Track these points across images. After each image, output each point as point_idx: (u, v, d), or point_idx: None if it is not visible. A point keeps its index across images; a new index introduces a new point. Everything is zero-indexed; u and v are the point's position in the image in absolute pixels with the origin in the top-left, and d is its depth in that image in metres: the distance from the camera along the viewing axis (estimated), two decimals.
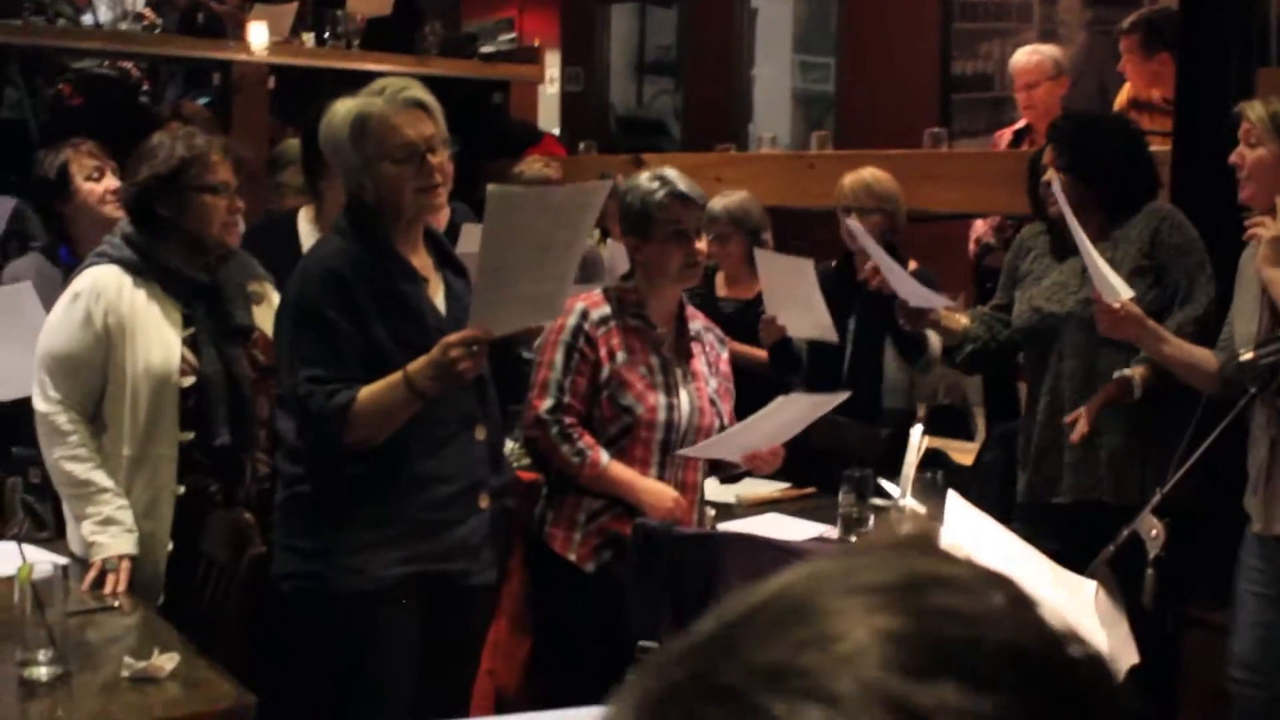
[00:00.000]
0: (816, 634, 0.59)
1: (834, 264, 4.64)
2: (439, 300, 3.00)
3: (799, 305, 4.30)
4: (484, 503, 3.02)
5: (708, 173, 5.93)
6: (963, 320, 3.82)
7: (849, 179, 4.54)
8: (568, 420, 3.32)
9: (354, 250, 2.92)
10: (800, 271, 4.28)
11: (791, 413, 3.38)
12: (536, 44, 8.77)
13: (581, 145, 7.59)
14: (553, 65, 10.77)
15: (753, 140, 8.13)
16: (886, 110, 8.66)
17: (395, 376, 2.80)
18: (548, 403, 3.32)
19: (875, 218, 4.34)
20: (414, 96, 2.95)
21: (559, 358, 3.34)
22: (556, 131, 9.53)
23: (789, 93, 11.76)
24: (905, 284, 3.78)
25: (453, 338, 2.75)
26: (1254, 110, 3.13)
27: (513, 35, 11.42)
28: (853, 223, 4.17)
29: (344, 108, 2.96)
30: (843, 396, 3.50)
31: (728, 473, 3.64)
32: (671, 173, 3.46)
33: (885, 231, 4.39)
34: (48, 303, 3.42)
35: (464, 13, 9.04)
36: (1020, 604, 0.63)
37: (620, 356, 3.35)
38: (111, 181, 4.01)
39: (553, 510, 3.41)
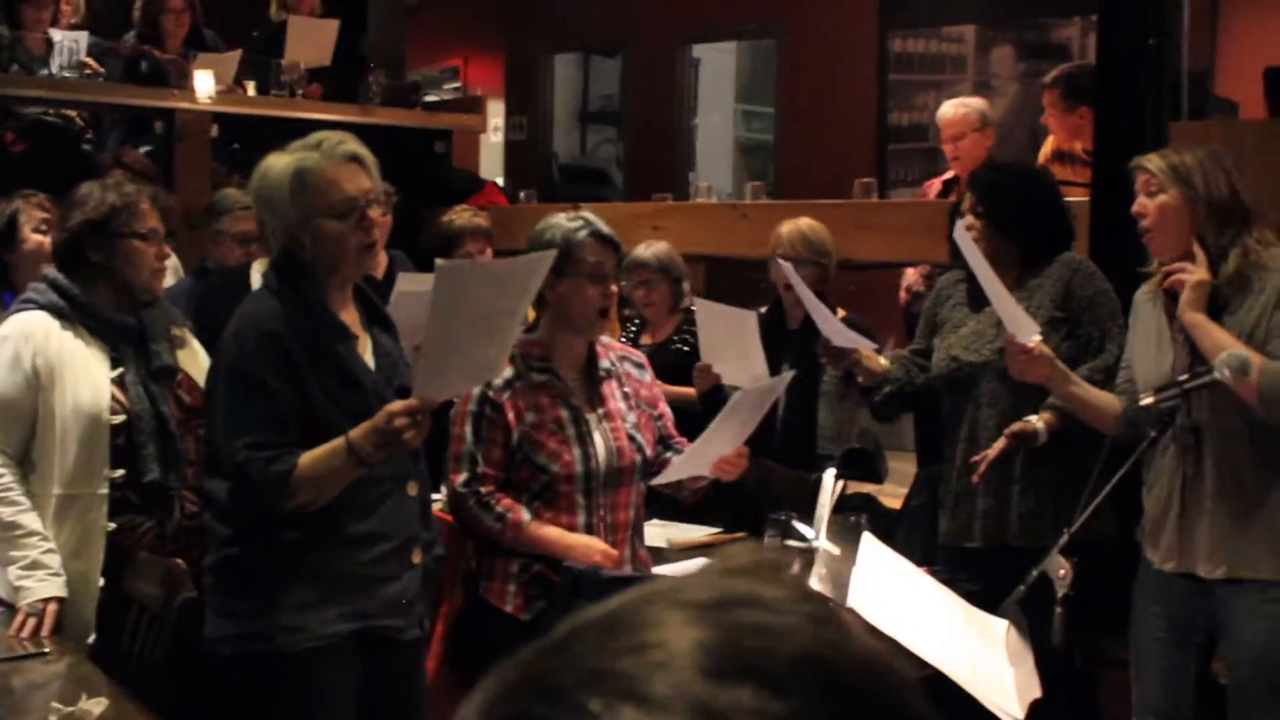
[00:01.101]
0: (638, 642, 0.66)
1: (763, 310, 4.72)
2: (368, 357, 2.98)
3: (736, 354, 4.37)
4: (416, 557, 3.01)
5: (644, 222, 6.03)
6: (882, 362, 3.91)
7: (786, 228, 4.64)
8: (484, 490, 3.29)
9: (287, 309, 2.86)
10: (742, 321, 4.35)
11: (746, 409, 3.37)
12: (480, 93, 8.86)
13: (522, 194, 7.67)
14: (497, 114, 10.88)
15: (692, 189, 8.24)
16: (824, 159, 8.81)
17: (337, 443, 2.75)
18: (463, 475, 3.30)
19: (808, 268, 4.43)
20: (351, 150, 2.92)
21: (468, 429, 3.30)
22: (500, 180, 9.62)
23: (731, 142, 11.92)
24: (830, 324, 3.89)
25: (395, 406, 2.72)
26: (1151, 162, 3.24)
27: (458, 84, 11.54)
28: (783, 262, 4.26)
29: (280, 162, 2.91)
30: (789, 376, 3.50)
31: (694, 489, 3.58)
32: (590, 214, 3.46)
33: (817, 281, 4.48)
34: None
35: (409, 61, 9.11)
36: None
37: (529, 417, 3.31)
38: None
39: (485, 564, 3.39)
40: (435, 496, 3.58)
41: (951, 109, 5.58)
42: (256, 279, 4.09)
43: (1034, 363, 3.33)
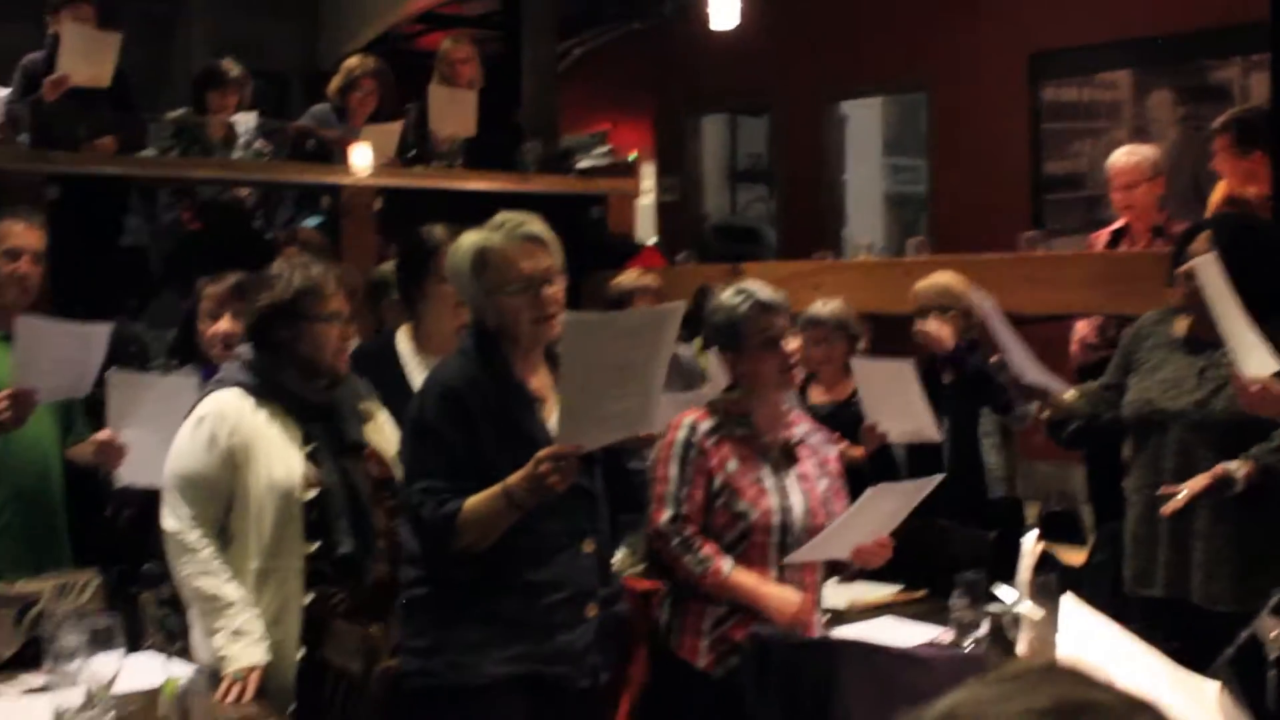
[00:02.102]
0: None
1: (912, 363, 4.70)
2: (553, 421, 3.09)
3: (899, 408, 4.36)
4: (591, 612, 3.14)
5: (806, 280, 6.04)
6: (1070, 395, 3.87)
7: (921, 285, 4.68)
8: (688, 530, 3.42)
9: (473, 371, 3.10)
10: (900, 374, 4.35)
11: (888, 502, 3.40)
12: (632, 157, 8.96)
13: (680, 255, 7.72)
14: (647, 176, 10.99)
15: (848, 244, 8.22)
16: (978, 210, 8.74)
17: (496, 488, 2.96)
18: (667, 514, 3.44)
19: (952, 314, 4.44)
20: (530, 231, 3.14)
21: (673, 471, 3.46)
22: (654, 241, 9.70)
23: (880, 195, 11.90)
24: (1022, 361, 3.88)
25: (544, 453, 2.90)
26: None
27: (607, 148, 11.69)
28: (979, 299, 4.27)
29: (467, 241, 3.17)
30: (936, 480, 3.51)
31: (846, 571, 3.68)
32: (752, 284, 3.59)
33: (964, 330, 4.48)
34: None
35: (561, 125, 9.26)
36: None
37: (730, 465, 3.46)
38: (225, 325, 4.22)
39: (678, 618, 3.50)
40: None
41: (1124, 157, 5.51)
42: (403, 346, 4.15)
43: (1267, 399, 3.24)
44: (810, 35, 9.94)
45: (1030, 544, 3.19)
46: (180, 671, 2.90)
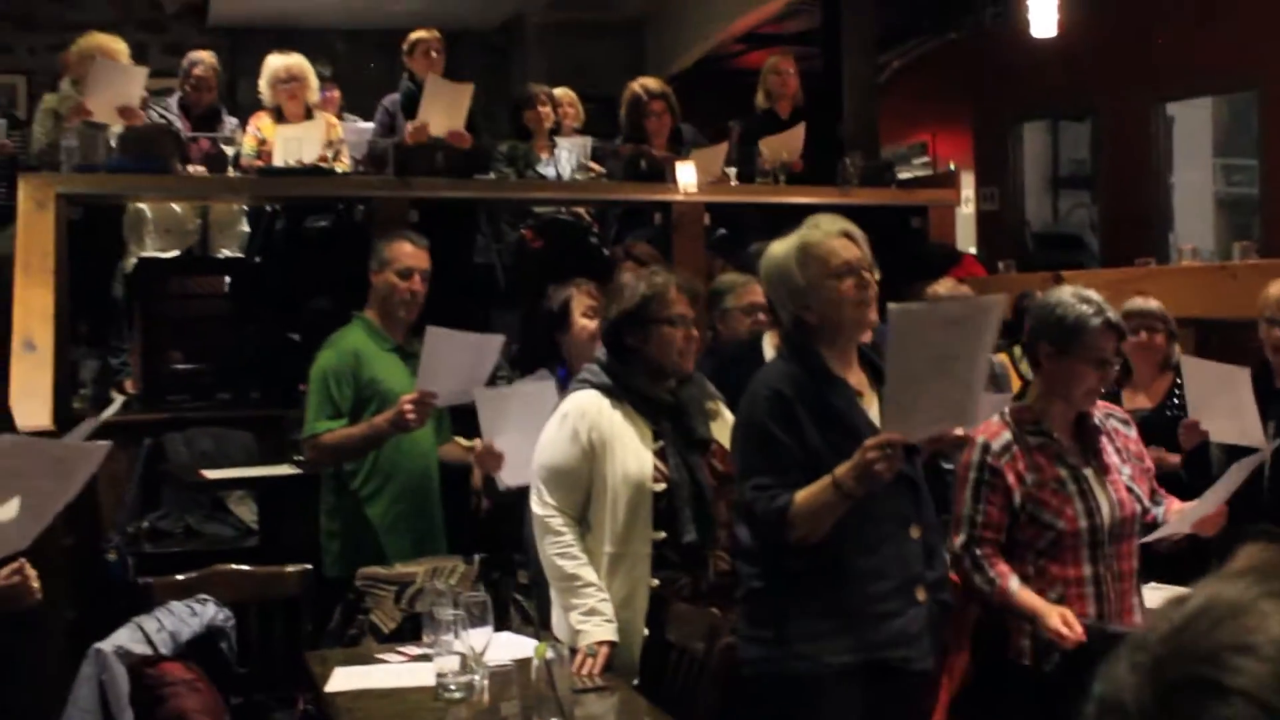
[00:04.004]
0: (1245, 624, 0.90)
1: (1248, 371, 4.68)
2: (873, 413, 3.31)
3: (1227, 411, 4.37)
4: (920, 596, 3.29)
5: (1127, 287, 6.03)
6: None
7: (1275, 288, 4.60)
8: (979, 551, 3.51)
9: (794, 371, 3.30)
10: (1232, 377, 4.35)
11: (1239, 476, 3.58)
12: (953, 167, 9.05)
13: (1000, 264, 7.78)
14: (967, 185, 11.01)
15: (1173, 250, 8.09)
16: None
17: (825, 479, 3.10)
18: (961, 537, 3.55)
19: None
20: (844, 228, 3.37)
21: (967, 494, 3.55)
22: (974, 251, 9.74)
23: (1211, 198, 11.55)
24: None
25: (870, 442, 3.03)
26: None
27: (927, 158, 11.77)
28: None
29: (784, 243, 3.39)
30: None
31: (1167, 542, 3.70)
32: (1097, 296, 3.59)
33: None
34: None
35: (880, 138, 9.42)
36: None
37: (1029, 478, 3.51)
38: (593, 325, 4.59)
39: (997, 615, 3.56)
40: None
41: None
42: (768, 349, 4.46)
43: None
44: (1135, 36, 9.78)
45: None
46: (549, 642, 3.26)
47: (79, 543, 5.33)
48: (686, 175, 7.05)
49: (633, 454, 3.69)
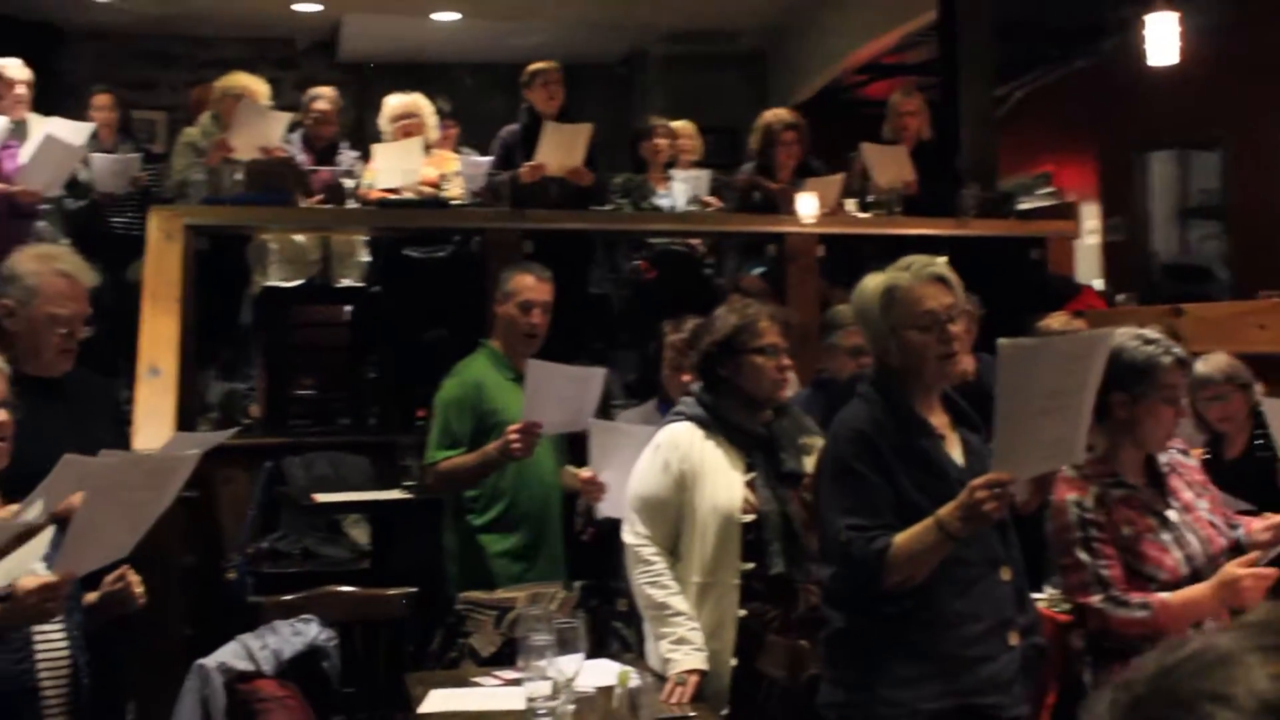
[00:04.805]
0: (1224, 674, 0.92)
1: None
2: (956, 455, 3.26)
3: None
4: (1013, 640, 3.20)
5: (1249, 320, 5.91)
6: None
7: None
8: (1115, 593, 3.32)
9: (876, 411, 3.22)
10: None
11: None
12: (1073, 199, 8.94)
13: (1120, 297, 7.65)
14: (1091, 216, 10.85)
15: None
16: None
17: (928, 521, 3.01)
18: (1096, 596, 3.33)
19: None
20: (936, 272, 3.28)
21: (1082, 553, 3.36)
22: (1097, 283, 9.58)
23: None
24: None
25: (979, 481, 2.93)
26: None
27: (1051, 189, 11.62)
28: None
29: (875, 280, 3.31)
30: None
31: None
32: (1158, 334, 3.48)
33: None
34: None
35: (1002, 170, 9.32)
36: None
37: (1125, 531, 3.38)
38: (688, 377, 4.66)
39: (1101, 676, 3.38)
40: (1038, 596, 3.72)
41: None
42: None
43: None
44: (1266, 63, 9.57)
45: None
46: (631, 669, 3.30)
47: (199, 562, 5.50)
48: (806, 206, 7.05)
49: (723, 485, 3.72)
